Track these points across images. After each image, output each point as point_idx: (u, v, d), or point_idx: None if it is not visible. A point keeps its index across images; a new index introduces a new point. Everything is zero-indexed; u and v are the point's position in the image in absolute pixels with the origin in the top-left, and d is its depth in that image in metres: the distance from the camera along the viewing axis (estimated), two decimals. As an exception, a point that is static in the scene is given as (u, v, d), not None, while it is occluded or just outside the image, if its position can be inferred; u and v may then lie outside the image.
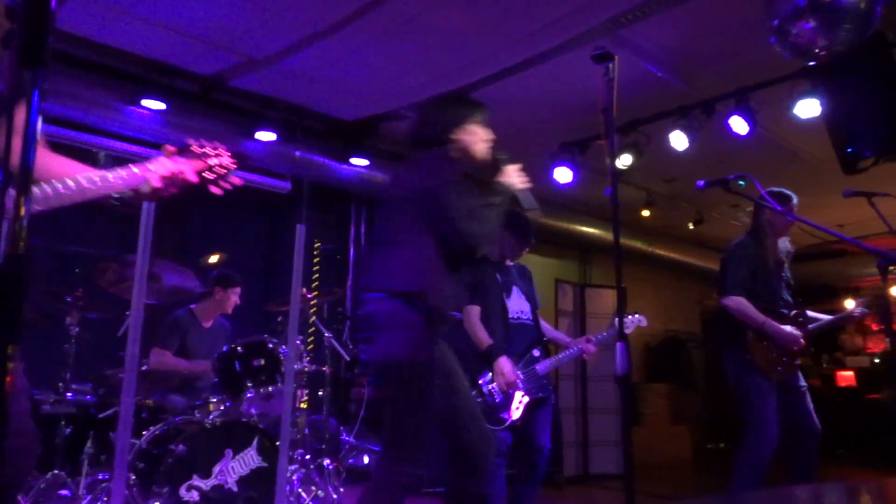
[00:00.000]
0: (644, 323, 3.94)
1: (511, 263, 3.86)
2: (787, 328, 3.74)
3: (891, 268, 2.97)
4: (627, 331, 2.45)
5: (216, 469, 3.54)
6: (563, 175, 6.24)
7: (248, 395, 3.91)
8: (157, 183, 1.50)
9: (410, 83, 5.32)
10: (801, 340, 3.76)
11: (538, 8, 4.34)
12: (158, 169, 1.50)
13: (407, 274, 2.40)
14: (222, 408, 3.92)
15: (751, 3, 4.16)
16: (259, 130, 5.56)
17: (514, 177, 2.77)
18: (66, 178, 1.46)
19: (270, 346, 4.17)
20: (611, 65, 2.42)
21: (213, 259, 5.39)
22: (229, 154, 1.52)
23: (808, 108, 4.85)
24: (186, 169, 1.51)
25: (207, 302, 4.73)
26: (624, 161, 5.82)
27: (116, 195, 1.50)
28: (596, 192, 7.30)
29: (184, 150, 1.55)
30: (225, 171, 1.51)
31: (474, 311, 3.61)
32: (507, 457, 3.47)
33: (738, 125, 5.16)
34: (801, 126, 5.37)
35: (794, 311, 3.85)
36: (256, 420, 3.88)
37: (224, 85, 5.39)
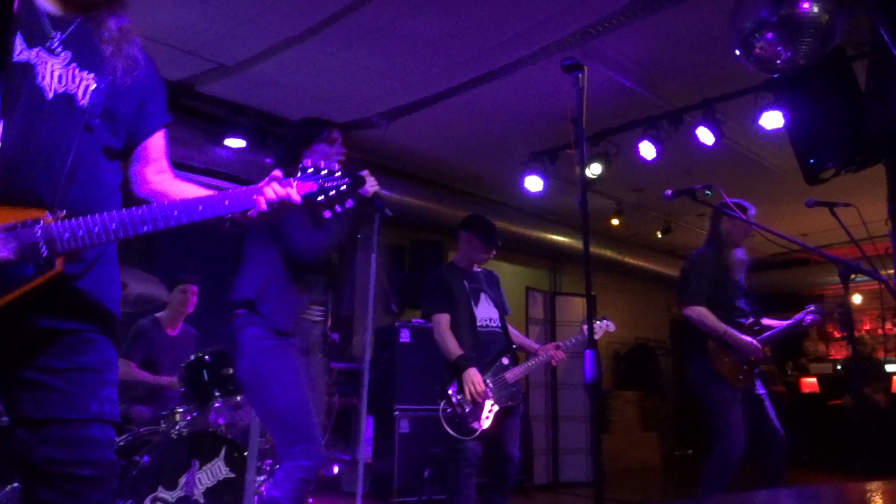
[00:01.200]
0: (612, 328, 3.96)
1: (478, 269, 3.85)
2: (746, 338, 3.78)
3: (852, 276, 3.03)
4: (596, 336, 2.47)
5: (182, 480, 3.46)
6: (533, 184, 6.28)
7: (216, 404, 3.84)
8: (263, 207, 1.51)
9: (382, 91, 5.31)
10: (760, 350, 3.79)
11: (509, 18, 4.37)
12: (268, 193, 1.52)
13: (242, 286, 2.53)
14: (189, 418, 3.84)
15: (717, 16, 4.24)
16: (229, 137, 5.50)
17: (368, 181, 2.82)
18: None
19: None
20: (580, 75, 2.44)
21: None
22: (347, 174, 1.51)
23: (772, 119, 4.95)
24: (293, 192, 1.52)
25: (168, 308, 4.64)
26: (594, 170, 5.86)
27: (227, 217, 1.54)
28: (566, 200, 7.36)
29: (294, 172, 1.56)
30: (340, 193, 1.49)
31: (444, 319, 3.60)
32: (477, 466, 3.45)
33: (705, 135, 5.25)
34: (766, 137, 5.49)
35: (749, 321, 3.88)
36: (224, 430, 3.81)
37: (193, 91, 5.33)
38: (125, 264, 4.18)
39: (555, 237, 8.41)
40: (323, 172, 1.56)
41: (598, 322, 3.92)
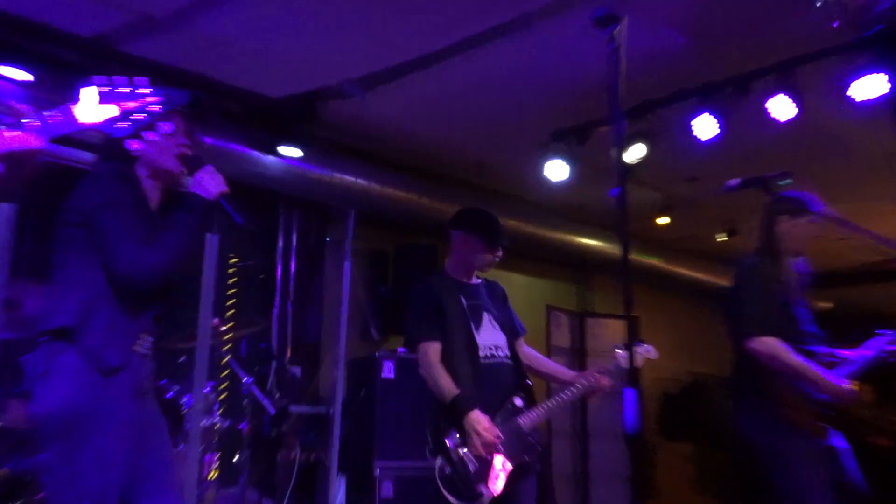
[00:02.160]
0: (654, 354, 3.93)
1: (478, 280, 3.85)
2: (832, 376, 3.60)
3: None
4: (638, 361, 2.47)
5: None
6: (555, 171, 6.29)
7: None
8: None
9: (356, 52, 5.32)
10: (853, 391, 3.59)
11: (523, -44, 4.39)
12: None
13: (59, 311, 2.57)
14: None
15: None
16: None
17: (208, 181, 2.80)
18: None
19: (169, 395, 4.12)
20: (617, 29, 2.44)
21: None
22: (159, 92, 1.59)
23: (867, 88, 4.91)
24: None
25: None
26: (634, 154, 5.86)
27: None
28: (598, 193, 7.34)
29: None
30: (150, 115, 1.56)
31: (432, 349, 3.57)
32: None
33: (781, 108, 5.21)
34: (857, 112, 5.48)
35: (820, 349, 3.71)
36: (151, 494, 3.80)
37: (111, 51, 5.33)
38: (21, 278, 4.17)
39: (583, 241, 8.44)
40: (124, 89, 1.59)
41: (637, 347, 3.90)
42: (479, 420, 3.42)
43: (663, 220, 7.97)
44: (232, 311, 6.56)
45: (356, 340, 6.97)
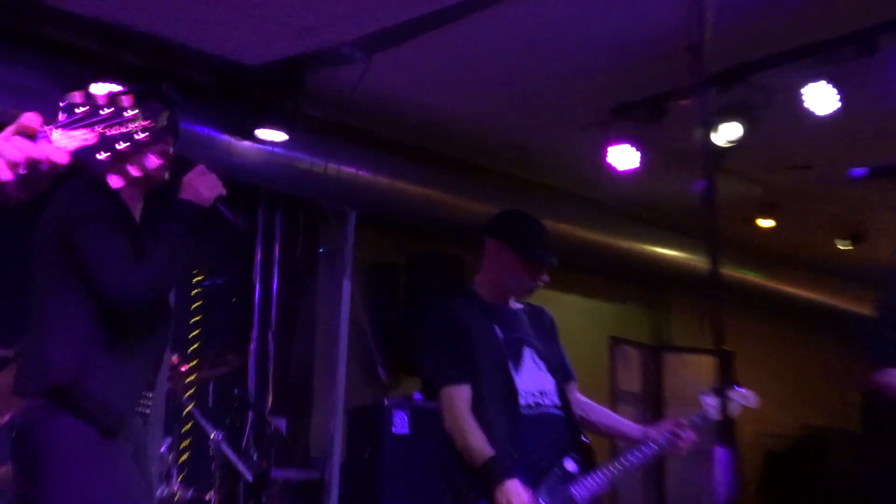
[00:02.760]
0: (754, 401, 3.94)
1: (518, 305, 3.86)
2: None
3: None
4: (730, 413, 2.46)
5: None
6: (621, 158, 6.28)
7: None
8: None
9: (353, 7, 5.33)
10: None
11: None
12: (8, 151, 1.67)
13: (51, 364, 2.74)
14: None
15: None
16: (96, 82, 5.53)
17: (199, 184, 3.00)
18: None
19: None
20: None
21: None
22: (147, 108, 1.70)
23: None
24: (54, 149, 1.67)
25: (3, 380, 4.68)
26: (726, 134, 5.86)
27: None
28: (677, 187, 7.33)
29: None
30: (136, 143, 1.67)
31: (460, 396, 3.56)
32: None
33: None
34: None
35: None
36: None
37: (40, 5, 5.37)
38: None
39: (658, 250, 8.42)
40: (106, 111, 1.66)
41: (731, 392, 3.88)
42: (517, 492, 3.41)
43: (765, 223, 7.91)
44: (196, 345, 6.58)
45: (358, 383, 6.97)
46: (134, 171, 1.72)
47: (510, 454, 3.51)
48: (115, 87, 4.89)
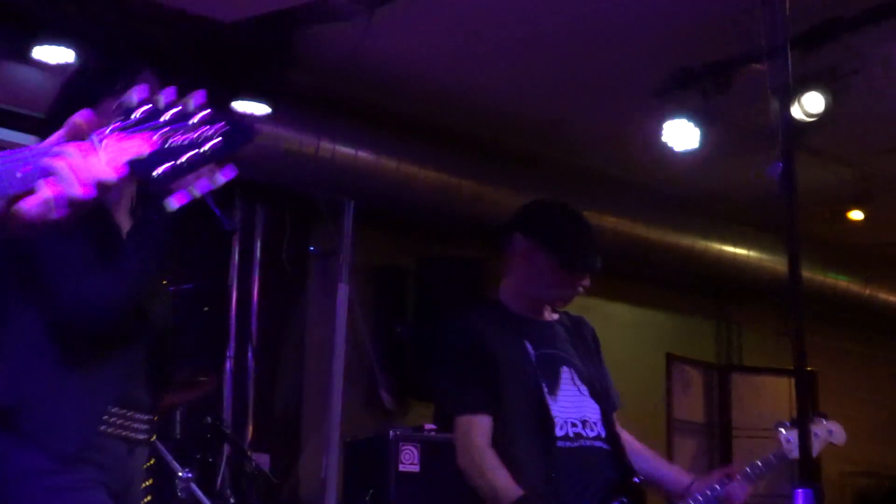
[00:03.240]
0: (839, 437, 3.97)
1: (553, 316, 3.88)
2: None
3: None
4: (813, 452, 2.49)
5: None
6: (679, 136, 6.31)
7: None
8: (76, 191, 1.71)
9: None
10: None
11: None
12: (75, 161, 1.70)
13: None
14: None
15: None
16: (40, 44, 5.59)
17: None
18: None
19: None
20: None
21: None
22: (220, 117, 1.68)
23: None
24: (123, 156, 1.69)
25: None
26: (809, 106, 5.88)
27: None
28: (748, 172, 7.32)
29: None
30: (203, 155, 1.67)
31: (477, 426, 3.57)
32: None
33: None
34: None
35: None
36: None
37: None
38: None
39: (725, 249, 8.43)
40: (172, 111, 1.64)
41: (815, 424, 3.89)
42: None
43: (856, 215, 7.91)
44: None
45: (358, 410, 7.00)
46: (196, 190, 1.71)
47: (543, 497, 3.53)
48: (58, 49, 4.97)
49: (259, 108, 6.21)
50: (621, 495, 3.66)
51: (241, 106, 6.16)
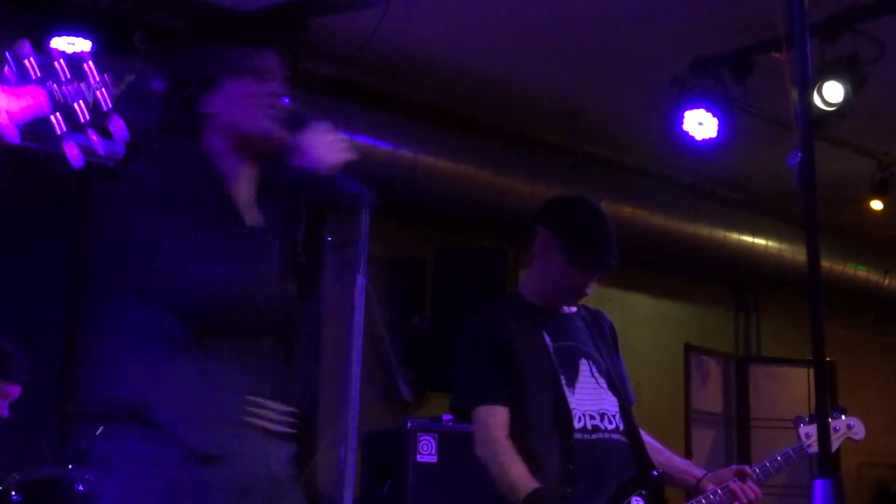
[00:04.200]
0: (859, 432, 3.96)
1: (572, 308, 3.87)
2: None
3: None
4: (832, 445, 2.47)
5: None
6: (699, 124, 6.30)
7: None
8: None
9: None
10: None
11: None
12: None
13: (109, 377, 2.66)
14: None
15: None
16: (57, 35, 5.60)
17: (318, 147, 2.87)
18: None
19: (79, 487, 4.18)
20: None
21: None
22: None
23: None
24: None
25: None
26: (829, 95, 5.86)
27: None
28: (768, 161, 7.32)
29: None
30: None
31: (496, 418, 3.58)
32: None
33: None
34: None
35: None
36: None
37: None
38: None
39: (744, 239, 8.43)
40: (63, 66, 1.66)
41: (835, 419, 3.90)
42: (568, 534, 3.45)
43: (876, 205, 7.88)
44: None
45: (375, 403, 7.01)
46: (95, 139, 1.69)
47: (561, 488, 3.53)
48: (75, 40, 5.01)
49: (278, 98, 6.22)
50: (640, 488, 3.66)
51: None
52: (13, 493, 4.09)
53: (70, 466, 4.31)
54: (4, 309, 6.00)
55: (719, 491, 3.74)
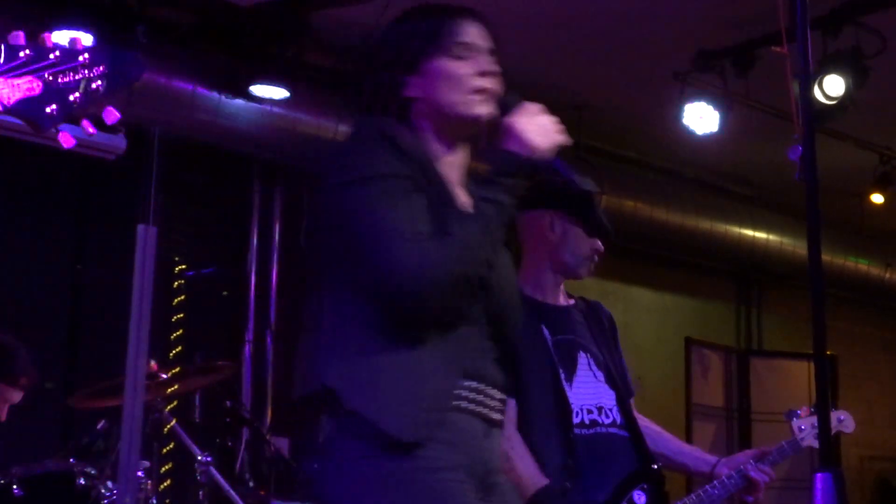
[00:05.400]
0: (849, 426, 3.95)
1: (570, 302, 3.86)
2: None
3: None
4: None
5: None
6: (700, 118, 6.30)
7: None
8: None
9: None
10: None
11: None
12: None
13: (317, 362, 2.58)
14: None
15: None
16: (58, 28, 5.59)
17: (527, 129, 2.72)
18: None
19: (81, 482, 4.18)
20: None
21: None
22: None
23: None
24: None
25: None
26: (830, 89, 5.85)
27: None
28: (769, 155, 7.30)
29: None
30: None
31: (507, 410, 3.55)
32: None
33: None
34: None
35: None
36: None
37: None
38: None
39: (746, 233, 8.41)
40: (55, 54, 1.66)
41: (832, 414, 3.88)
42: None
43: (877, 199, 7.87)
44: (178, 348, 6.64)
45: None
46: (90, 129, 1.68)
47: (562, 483, 3.50)
48: (76, 33, 4.97)
49: (277, 92, 6.21)
50: (642, 482, 3.66)
51: (260, 90, 6.17)
52: (14, 487, 4.09)
53: (72, 461, 4.29)
54: (8, 303, 5.98)
55: (734, 475, 3.75)
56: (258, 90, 6.17)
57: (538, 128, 2.71)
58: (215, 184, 7.20)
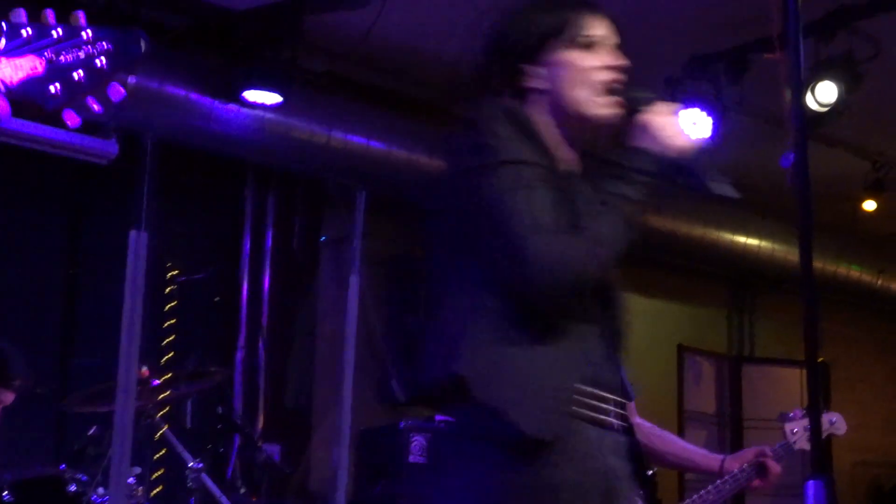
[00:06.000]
0: (840, 428, 3.95)
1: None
2: None
3: None
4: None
5: None
6: (693, 124, 6.23)
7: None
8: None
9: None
10: None
11: None
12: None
13: (448, 351, 2.49)
14: None
15: None
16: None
17: (661, 128, 2.68)
18: None
19: (72, 488, 4.18)
20: None
21: None
22: None
23: None
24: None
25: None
26: (822, 96, 5.85)
27: None
28: (762, 161, 7.29)
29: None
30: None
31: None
32: None
33: None
34: None
35: None
36: None
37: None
38: None
39: (738, 239, 8.42)
40: (57, 32, 1.65)
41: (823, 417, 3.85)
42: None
43: (869, 205, 7.87)
44: (170, 354, 6.62)
45: (369, 401, 6.98)
46: (95, 107, 1.68)
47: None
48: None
49: (270, 97, 6.20)
50: (639, 488, 3.65)
51: (253, 95, 6.16)
52: (5, 492, 4.07)
53: (63, 466, 4.28)
54: (1, 308, 5.96)
55: (747, 468, 3.76)
56: (251, 95, 6.16)
57: (674, 127, 2.66)
58: (208, 189, 7.19)
